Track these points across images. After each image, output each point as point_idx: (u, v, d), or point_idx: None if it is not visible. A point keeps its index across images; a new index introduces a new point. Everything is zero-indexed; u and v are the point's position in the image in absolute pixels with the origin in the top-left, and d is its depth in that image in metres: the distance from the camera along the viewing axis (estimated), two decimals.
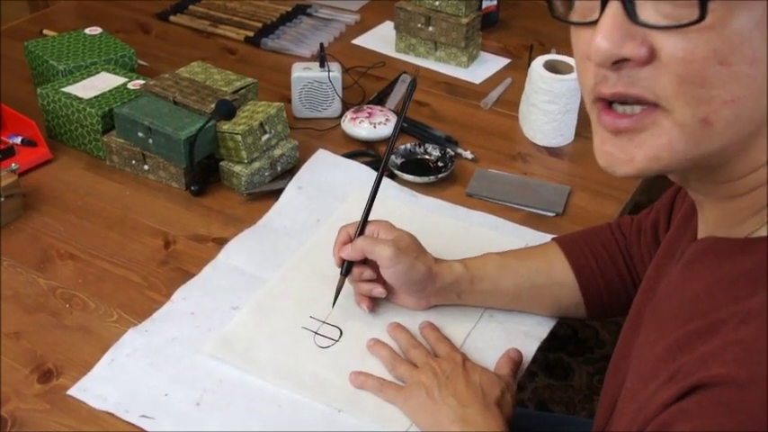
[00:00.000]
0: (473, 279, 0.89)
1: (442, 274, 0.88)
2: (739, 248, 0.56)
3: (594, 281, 0.90)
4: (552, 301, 0.91)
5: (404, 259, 0.85)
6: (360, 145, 1.23)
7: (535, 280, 0.90)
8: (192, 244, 1.04)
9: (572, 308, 0.91)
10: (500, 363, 0.87)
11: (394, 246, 0.85)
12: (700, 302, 0.56)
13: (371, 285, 0.90)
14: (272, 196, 1.11)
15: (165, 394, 0.83)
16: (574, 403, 1.79)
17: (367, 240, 0.87)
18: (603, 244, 0.91)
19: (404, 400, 0.82)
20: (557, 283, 0.90)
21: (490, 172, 1.17)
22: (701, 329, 0.54)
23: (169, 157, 1.11)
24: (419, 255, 0.87)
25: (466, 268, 0.89)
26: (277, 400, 0.83)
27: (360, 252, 0.87)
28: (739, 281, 0.54)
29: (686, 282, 0.60)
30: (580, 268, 0.90)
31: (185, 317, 0.92)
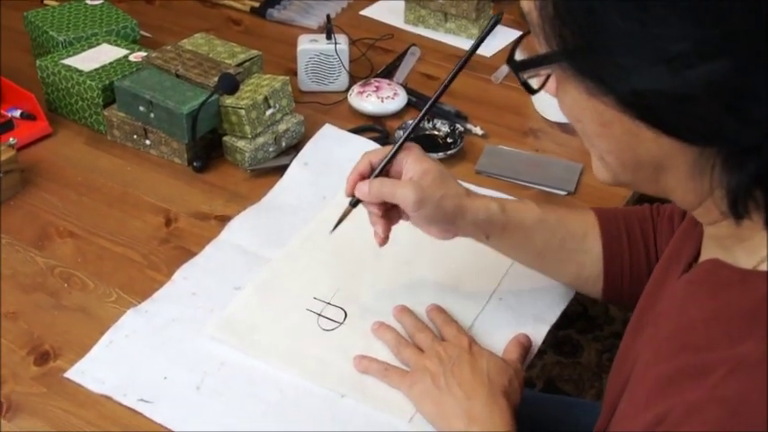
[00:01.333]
0: (506, 225, 0.83)
1: (474, 209, 0.81)
2: (738, 280, 0.56)
3: (621, 258, 0.86)
4: (575, 268, 0.87)
5: (428, 203, 0.78)
6: (367, 120, 1.20)
7: (566, 243, 0.86)
8: (194, 221, 1.02)
9: (590, 281, 0.87)
10: (509, 347, 0.84)
11: (417, 189, 0.78)
12: (695, 333, 0.56)
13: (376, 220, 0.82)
14: (277, 173, 1.09)
15: (164, 377, 0.81)
16: (583, 381, 1.77)
17: (386, 184, 0.79)
18: (640, 224, 0.87)
19: (408, 386, 0.80)
20: (584, 251, 0.86)
21: (500, 148, 1.15)
22: (692, 369, 0.53)
23: (171, 131, 1.09)
24: (447, 191, 0.80)
25: (503, 211, 0.83)
26: (279, 385, 0.81)
27: (377, 196, 0.79)
28: (735, 318, 0.53)
29: (686, 303, 0.60)
30: (610, 242, 0.86)
31: (186, 297, 0.90)
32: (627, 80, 0.50)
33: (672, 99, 0.49)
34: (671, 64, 0.48)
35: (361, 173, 0.82)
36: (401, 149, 0.81)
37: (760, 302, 0.52)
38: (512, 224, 0.84)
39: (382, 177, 0.81)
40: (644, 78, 0.49)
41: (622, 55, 0.49)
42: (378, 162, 0.81)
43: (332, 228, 0.86)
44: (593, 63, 0.51)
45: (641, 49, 0.48)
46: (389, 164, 0.81)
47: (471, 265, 0.93)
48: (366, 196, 0.80)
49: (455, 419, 0.75)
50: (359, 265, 0.94)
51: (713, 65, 0.47)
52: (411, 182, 0.79)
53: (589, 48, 0.50)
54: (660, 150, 0.54)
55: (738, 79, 0.47)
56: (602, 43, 0.50)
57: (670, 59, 0.48)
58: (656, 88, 0.49)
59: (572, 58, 0.52)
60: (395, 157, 0.81)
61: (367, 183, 0.80)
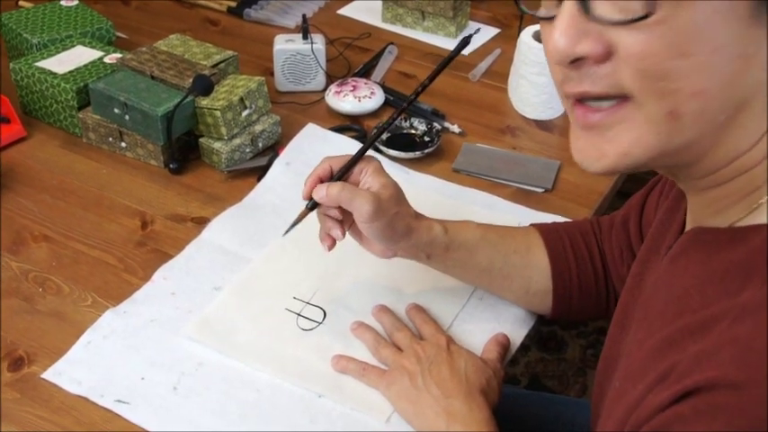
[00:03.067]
0: (450, 245, 0.84)
1: (419, 231, 0.82)
2: (726, 239, 0.54)
3: (568, 273, 0.86)
4: (521, 283, 0.87)
5: (382, 216, 0.78)
6: (344, 119, 1.21)
7: (511, 259, 0.86)
8: (171, 224, 1.02)
9: (538, 296, 0.87)
10: (487, 347, 0.85)
11: (374, 201, 0.78)
12: (689, 298, 0.54)
13: (333, 224, 0.82)
14: (254, 173, 1.09)
15: (141, 378, 0.81)
16: (567, 377, 1.78)
17: (345, 190, 0.78)
18: (583, 237, 0.88)
19: (386, 386, 0.80)
20: (530, 266, 0.86)
21: (478, 146, 1.15)
22: (693, 327, 0.52)
23: (146, 134, 1.09)
24: (400, 209, 0.80)
25: (445, 232, 0.83)
26: (256, 385, 0.81)
27: (335, 200, 0.79)
28: (729, 274, 0.52)
29: (674, 276, 0.59)
30: (556, 255, 0.86)
31: (165, 297, 0.90)
32: None
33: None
34: None
35: (320, 176, 0.81)
36: (361, 160, 0.81)
37: (751, 253, 0.51)
38: (454, 244, 0.84)
39: (343, 182, 0.80)
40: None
41: None
42: (338, 167, 0.81)
43: (284, 231, 0.84)
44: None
45: None
46: (348, 172, 0.81)
47: None
48: (324, 199, 0.79)
49: (434, 418, 0.75)
50: (339, 265, 0.94)
51: None
52: (370, 192, 0.79)
53: None
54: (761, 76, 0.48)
55: None
56: None
57: None
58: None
59: None
60: (355, 164, 0.81)
61: (326, 186, 0.79)
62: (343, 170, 0.81)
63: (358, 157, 0.81)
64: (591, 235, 0.88)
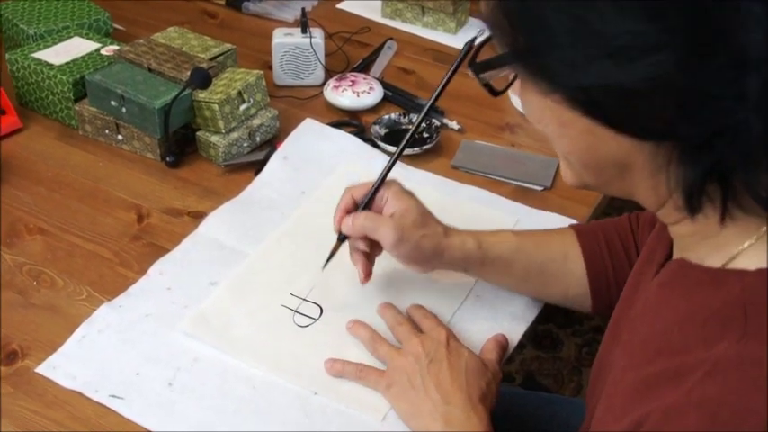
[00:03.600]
0: (484, 259, 0.85)
1: (451, 249, 0.84)
2: (708, 279, 0.56)
3: (605, 275, 0.86)
4: (559, 289, 0.88)
5: (407, 242, 0.81)
6: (342, 114, 1.20)
7: (548, 267, 0.87)
8: (167, 218, 1.01)
9: (578, 300, 0.88)
10: (487, 347, 0.84)
11: (398, 227, 0.81)
12: (670, 336, 0.56)
13: (360, 260, 0.85)
14: (251, 168, 1.09)
15: (136, 373, 0.81)
16: (562, 375, 1.78)
17: (369, 219, 0.82)
18: (621, 236, 0.88)
19: (385, 387, 0.79)
20: (568, 273, 0.87)
21: (477, 143, 1.15)
22: (669, 373, 0.54)
23: (143, 126, 1.08)
24: (427, 231, 0.82)
25: (479, 246, 0.85)
26: (251, 381, 0.81)
27: (360, 231, 0.83)
28: (709, 320, 0.54)
29: (659, 305, 0.60)
30: (592, 260, 0.86)
31: (161, 292, 0.90)
32: (573, 76, 0.51)
33: (618, 94, 0.50)
34: (614, 58, 0.48)
35: (346, 209, 0.84)
36: (381, 185, 0.84)
37: (731, 303, 0.53)
38: (489, 258, 0.85)
39: (367, 212, 0.83)
40: (589, 73, 0.50)
41: (567, 51, 0.50)
42: (360, 197, 0.84)
43: (323, 264, 0.88)
44: (541, 62, 0.52)
45: (584, 44, 0.49)
46: (372, 199, 0.84)
47: None
48: (350, 231, 0.83)
49: (432, 422, 0.75)
50: (337, 261, 0.93)
51: (655, 58, 0.48)
52: (392, 220, 0.82)
53: (536, 47, 0.51)
54: (619, 149, 0.55)
55: (682, 75, 0.48)
56: (546, 41, 0.51)
57: (612, 54, 0.48)
58: (602, 83, 0.50)
59: (522, 58, 0.53)
60: (377, 192, 0.84)
61: (351, 217, 0.83)
62: (366, 199, 0.84)
63: (379, 185, 0.84)
64: (628, 232, 0.88)
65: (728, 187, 0.52)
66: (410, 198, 0.84)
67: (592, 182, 0.60)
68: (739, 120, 0.48)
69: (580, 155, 0.58)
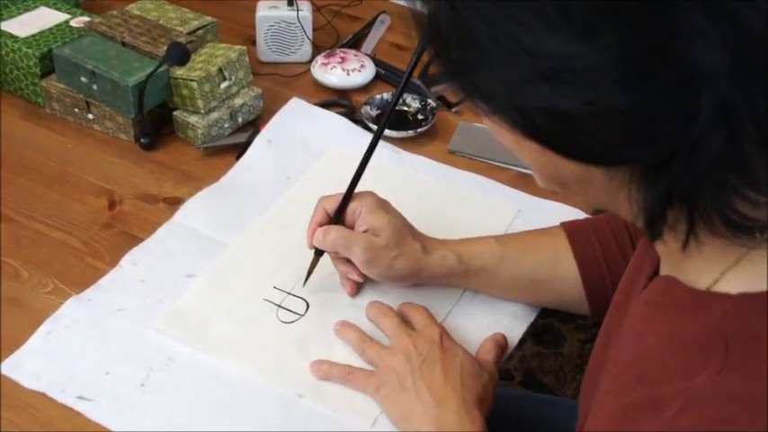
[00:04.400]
0: (467, 272, 0.86)
1: (431, 266, 0.85)
2: (691, 303, 0.56)
3: (600, 277, 0.86)
4: (552, 295, 0.88)
5: (379, 263, 0.83)
6: (331, 94, 1.19)
7: (536, 274, 0.86)
8: (141, 204, 1.01)
9: (574, 304, 0.88)
10: (485, 346, 0.84)
11: (369, 247, 0.82)
12: (651, 363, 0.56)
13: (348, 268, 0.86)
14: (232, 151, 1.08)
15: (106, 373, 0.80)
16: (564, 373, 1.78)
17: (340, 236, 0.83)
18: (615, 233, 0.86)
19: (375, 389, 0.79)
20: (559, 278, 0.86)
21: (475, 126, 1.13)
22: (647, 403, 0.54)
23: (116, 105, 1.07)
24: (402, 249, 0.83)
25: (460, 260, 0.85)
26: (231, 383, 0.80)
27: (332, 247, 0.84)
28: (688, 349, 0.53)
29: (644, 326, 0.60)
30: (585, 262, 0.86)
31: (134, 285, 0.89)
32: (508, 97, 0.49)
33: (556, 117, 0.49)
34: (548, 80, 0.47)
35: (319, 222, 0.85)
36: (354, 198, 0.84)
37: (712, 330, 0.52)
38: (472, 271, 0.86)
39: (338, 227, 0.84)
40: (524, 95, 0.48)
41: (500, 71, 0.49)
42: (333, 210, 0.85)
43: (304, 281, 0.89)
44: (474, 81, 0.51)
45: (516, 64, 0.48)
46: (343, 213, 0.85)
47: None
48: (322, 246, 0.85)
49: (423, 426, 0.74)
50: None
51: (590, 80, 0.46)
52: (363, 238, 0.83)
53: (468, 65, 0.50)
54: (574, 168, 0.54)
55: (621, 97, 0.46)
56: (478, 59, 0.50)
57: (545, 76, 0.47)
58: (537, 106, 0.48)
59: (455, 76, 0.52)
60: (347, 204, 0.84)
61: (322, 231, 0.84)
62: (338, 213, 0.85)
63: (348, 197, 0.84)
64: (622, 227, 0.87)
65: (695, 209, 0.51)
66: (384, 213, 0.84)
67: (561, 192, 0.60)
68: (694, 138, 0.47)
69: (539, 169, 0.58)
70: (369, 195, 0.85)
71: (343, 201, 0.84)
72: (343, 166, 0.87)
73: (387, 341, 0.82)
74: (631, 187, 0.52)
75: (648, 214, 0.52)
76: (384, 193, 0.87)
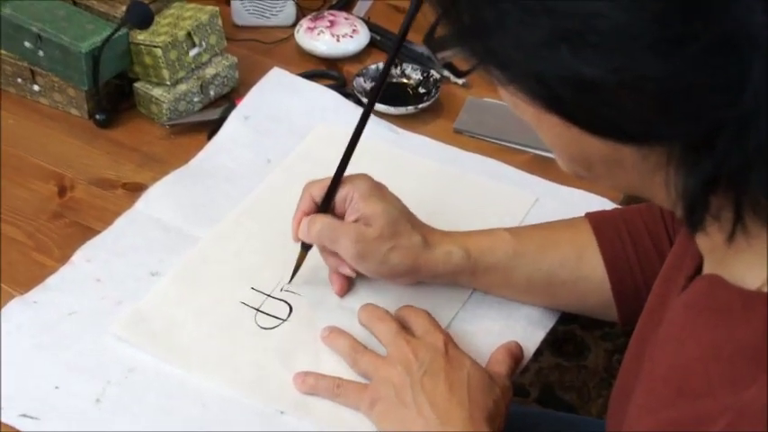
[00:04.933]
0: (476, 270, 0.87)
1: (432, 263, 0.86)
2: (740, 306, 0.56)
3: (631, 278, 0.86)
4: (575, 298, 0.89)
5: (371, 258, 0.84)
6: (318, 63, 1.20)
7: (556, 274, 0.87)
8: (96, 191, 1.01)
9: (599, 308, 0.89)
10: (496, 357, 0.84)
11: (359, 239, 0.83)
12: (693, 375, 0.57)
13: (338, 262, 0.87)
14: (203, 129, 1.09)
15: (55, 387, 0.81)
16: (588, 389, 1.80)
17: (326, 226, 0.84)
18: (648, 226, 0.87)
19: (369, 405, 0.79)
20: (583, 279, 0.87)
21: (486, 101, 1.14)
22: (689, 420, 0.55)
23: (66, 75, 1.08)
24: (398, 242, 0.84)
25: (467, 257, 0.86)
26: (201, 398, 0.81)
27: (317, 240, 0.86)
28: (736, 358, 0.54)
29: (684, 333, 0.61)
30: (614, 261, 0.86)
31: (88, 284, 0.90)
32: (525, 64, 0.50)
33: (580, 87, 0.49)
34: (570, 42, 0.48)
35: (305, 212, 0.86)
36: (345, 182, 0.85)
37: (764, 337, 0.53)
38: (480, 269, 0.87)
39: (325, 216, 0.85)
40: (544, 60, 0.49)
41: (516, 33, 0.49)
42: (320, 197, 0.86)
43: (290, 278, 0.90)
44: (488, 45, 0.51)
45: (535, 24, 0.48)
46: (332, 200, 0.86)
47: None
48: (307, 238, 0.86)
49: None
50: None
51: (618, 43, 0.47)
52: (353, 228, 0.84)
53: (480, 27, 0.51)
54: (602, 147, 0.54)
55: (654, 64, 0.47)
56: (492, 20, 0.50)
57: (567, 38, 0.48)
58: (558, 72, 0.49)
59: (467, 40, 0.53)
60: (336, 189, 0.85)
61: (307, 221, 0.85)
62: (326, 201, 0.86)
63: (337, 181, 0.85)
64: (658, 220, 0.87)
65: (743, 194, 0.51)
66: (378, 200, 0.85)
67: (586, 175, 0.61)
68: (741, 112, 0.47)
69: (563, 149, 0.59)
70: (362, 179, 0.86)
71: (332, 186, 0.85)
72: (332, 146, 0.88)
73: (383, 350, 0.83)
74: (669, 170, 0.53)
75: (689, 201, 0.53)
76: (379, 180, 0.88)
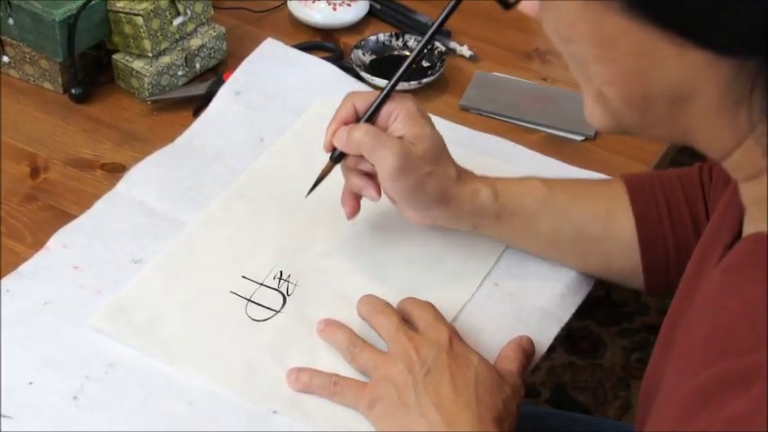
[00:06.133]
0: (502, 214, 0.89)
1: (459, 200, 0.88)
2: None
3: (663, 242, 0.87)
4: (600, 260, 0.90)
5: (410, 175, 0.84)
6: (313, 34, 1.20)
7: (585, 229, 0.89)
8: (72, 172, 1.02)
9: (625, 273, 0.90)
10: (506, 353, 0.85)
11: (403, 153, 0.84)
12: (736, 334, 0.57)
13: (365, 182, 0.88)
14: (188, 105, 1.09)
15: (29, 383, 0.82)
16: (604, 389, 1.81)
17: (369, 134, 0.84)
18: (686, 192, 0.88)
19: (368, 404, 0.80)
20: (611, 237, 0.89)
21: (495, 76, 1.15)
22: (733, 377, 0.55)
23: (39, 45, 1.08)
24: (435, 169, 0.86)
25: (494, 197, 0.88)
26: (188, 395, 0.81)
27: (356, 148, 0.85)
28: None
29: (724, 296, 0.61)
30: (645, 221, 0.88)
31: (65, 272, 0.91)
32: None
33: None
34: None
35: (344, 119, 0.86)
36: (392, 99, 0.86)
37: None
38: (507, 212, 0.89)
39: (368, 125, 0.86)
40: None
41: None
42: (364, 107, 0.86)
43: (308, 191, 0.90)
44: None
45: None
46: (376, 114, 0.86)
47: (459, 235, 0.94)
48: (343, 145, 0.85)
49: None
50: (307, 233, 0.94)
51: None
52: (397, 142, 0.84)
53: None
54: (681, 71, 0.54)
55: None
56: None
57: None
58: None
59: None
60: (383, 103, 0.86)
61: (347, 129, 0.85)
62: (371, 110, 0.86)
63: (387, 94, 0.85)
64: (696, 185, 0.88)
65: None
66: (427, 123, 0.87)
67: (632, 123, 0.61)
68: None
69: (624, 85, 0.58)
70: (409, 99, 0.87)
71: (381, 98, 0.86)
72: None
73: (383, 345, 0.83)
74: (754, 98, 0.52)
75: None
76: None
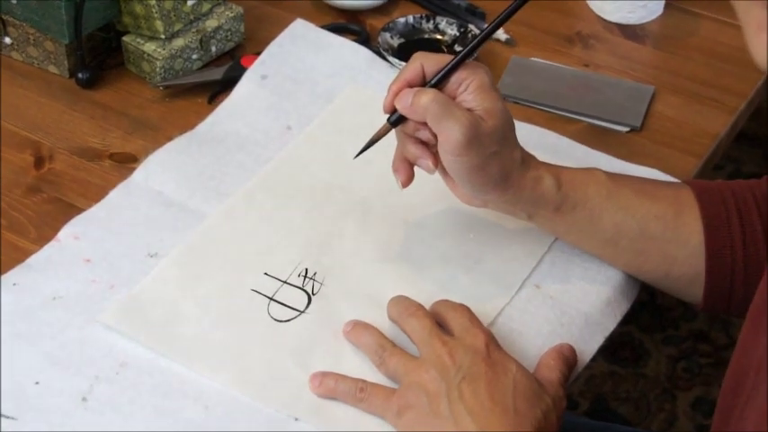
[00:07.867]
0: (562, 205, 0.89)
1: (520, 186, 0.87)
2: None
3: (731, 252, 0.87)
4: (661, 263, 0.90)
5: (474, 152, 0.83)
6: (337, 16, 1.21)
7: (649, 228, 0.89)
8: (79, 162, 1.02)
9: (684, 282, 0.90)
10: (546, 361, 0.85)
11: (471, 129, 0.82)
12: None
13: (422, 152, 0.87)
14: (203, 92, 1.10)
15: (35, 382, 0.82)
16: (647, 401, 1.80)
17: (438, 103, 0.83)
18: (758, 203, 0.88)
19: (397, 413, 0.80)
20: (676, 240, 0.88)
21: (532, 62, 1.15)
22: None
23: (43, 26, 1.08)
24: (501, 150, 0.85)
25: (557, 187, 0.88)
26: (203, 399, 0.82)
27: (421, 114, 0.84)
28: None
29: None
30: (714, 229, 0.87)
31: (77, 265, 0.91)
32: None
33: None
34: None
35: (408, 80, 0.86)
36: (464, 67, 0.85)
37: None
38: (568, 204, 0.88)
39: (437, 91, 0.84)
40: None
41: None
42: (433, 71, 0.85)
43: (357, 152, 0.89)
44: None
45: None
46: (446, 79, 0.85)
47: (499, 233, 0.95)
48: (406, 109, 0.84)
49: None
50: (335, 228, 0.94)
51: None
52: (467, 114, 0.83)
53: None
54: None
55: None
56: None
57: None
58: None
59: None
60: (455, 70, 0.85)
61: (413, 92, 0.84)
62: (442, 73, 0.85)
63: (461, 59, 0.85)
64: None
65: None
66: (499, 98, 0.86)
67: None
68: None
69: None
70: (484, 69, 0.86)
71: (453, 63, 0.85)
72: (363, 112, 0.89)
73: (414, 350, 0.84)
74: None
75: None
76: None
